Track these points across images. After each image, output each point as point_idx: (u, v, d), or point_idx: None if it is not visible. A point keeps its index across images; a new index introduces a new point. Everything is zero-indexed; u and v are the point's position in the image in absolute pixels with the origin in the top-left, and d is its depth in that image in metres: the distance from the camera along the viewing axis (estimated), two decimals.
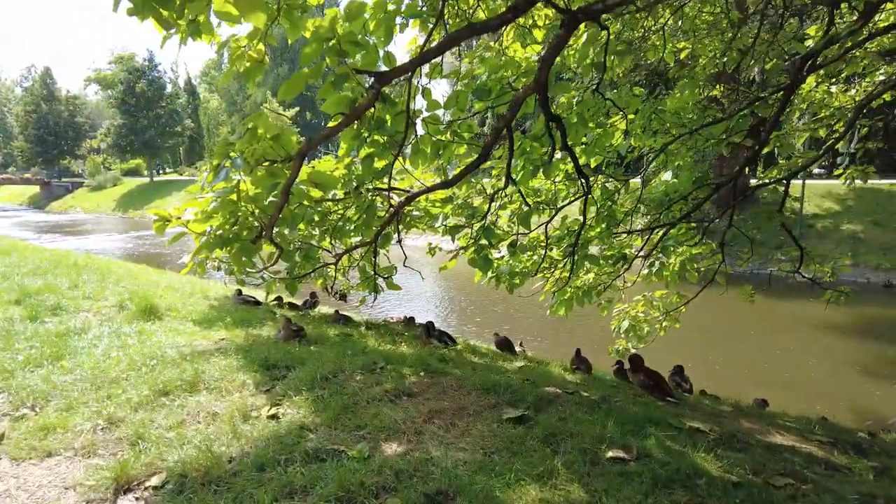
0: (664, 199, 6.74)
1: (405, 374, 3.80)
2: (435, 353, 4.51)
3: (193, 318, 5.31)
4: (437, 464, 2.46)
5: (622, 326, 7.47)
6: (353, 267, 6.13)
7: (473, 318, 12.42)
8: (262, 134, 3.17)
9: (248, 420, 3.05)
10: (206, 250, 3.88)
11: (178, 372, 3.64)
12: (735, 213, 8.37)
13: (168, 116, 58.11)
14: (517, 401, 3.29)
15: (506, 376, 3.75)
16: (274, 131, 3.19)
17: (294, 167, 3.18)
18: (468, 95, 4.36)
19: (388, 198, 4.62)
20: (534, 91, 3.67)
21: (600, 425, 2.87)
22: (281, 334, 4.72)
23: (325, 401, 3.21)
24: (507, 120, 3.90)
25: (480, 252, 5.11)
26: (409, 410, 3.10)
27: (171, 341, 4.40)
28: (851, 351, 9.96)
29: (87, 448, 2.79)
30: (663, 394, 4.02)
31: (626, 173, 6.45)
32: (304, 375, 3.59)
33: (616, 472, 2.40)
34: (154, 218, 3.70)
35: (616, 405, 3.36)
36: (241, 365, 3.85)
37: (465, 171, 4.06)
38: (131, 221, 43.22)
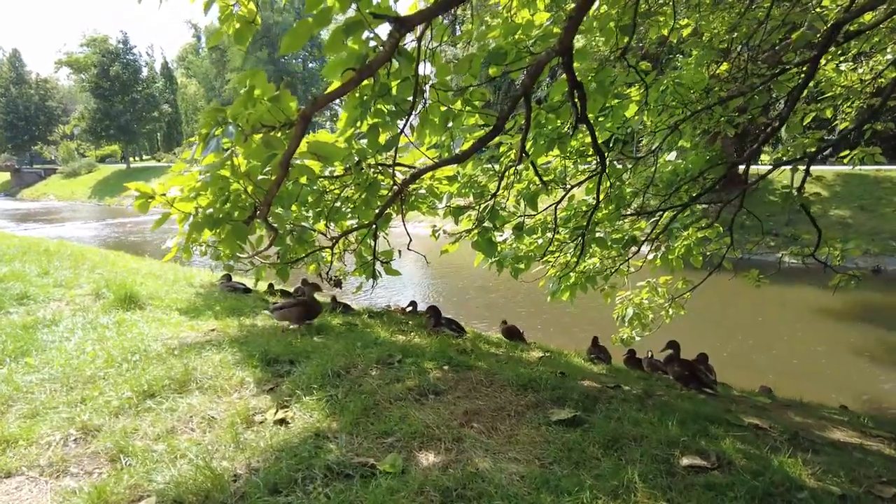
0: (674, 180, 6.46)
1: (427, 368, 3.41)
2: (453, 345, 4.14)
3: (178, 306, 4.87)
4: (487, 479, 2.08)
5: (626, 314, 7.22)
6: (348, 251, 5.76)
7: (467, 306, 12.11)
8: (258, 95, 2.78)
9: (252, 426, 2.61)
10: (195, 232, 3.48)
11: (165, 369, 3.19)
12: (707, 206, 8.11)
13: (144, 101, 56.59)
14: (559, 398, 2.94)
15: (535, 369, 3.40)
16: (272, 92, 2.79)
17: (296, 134, 2.79)
18: (482, 60, 3.98)
19: (392, 174, 4.25)
20: (558, 54, 3.32)
21: (662, 426, 2.55)
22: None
23: (341, 402, 2.79)
24: (527, 86, 3.55)
25: (484, 235, 4.80)
26: (440, 412, 2.70)
27: (156, 333, 3.95)
28: (851, 336, 9.87)
29: (57, 466, 2.31)
30: (701, 385, 3.74)
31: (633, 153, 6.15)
32: (312, 371, 3.17)
33: (702, 485, 2.06)
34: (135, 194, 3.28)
35: (662, 400, 3.06)
36: (238, 360, 3.42)
37: (479, 144, 3.71)
38: (108, 209, 42.00)
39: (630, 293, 7.14)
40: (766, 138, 5.46)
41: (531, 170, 5.22)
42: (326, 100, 2.66)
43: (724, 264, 6.08)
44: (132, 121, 55.45)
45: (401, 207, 4.53)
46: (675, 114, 5.51)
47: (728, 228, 5.82)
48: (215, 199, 3.34)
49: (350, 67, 2.58)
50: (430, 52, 3.50)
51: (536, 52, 3.95)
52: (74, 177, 56.21)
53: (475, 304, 12.18)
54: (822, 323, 10.87)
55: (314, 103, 2.66)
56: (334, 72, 3.10)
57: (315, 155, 3.28)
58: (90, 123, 55.48)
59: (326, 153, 3.31)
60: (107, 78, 53.76)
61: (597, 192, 4.85)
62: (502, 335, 5.66)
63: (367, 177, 4.32)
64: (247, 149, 3.09)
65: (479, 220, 4.82)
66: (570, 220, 5.63)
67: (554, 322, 10.15)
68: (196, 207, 3.50)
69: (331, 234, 4.81)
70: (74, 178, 56.03)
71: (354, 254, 5.12)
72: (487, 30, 4.05)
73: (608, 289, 6.74)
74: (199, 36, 75.21)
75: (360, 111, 3.41)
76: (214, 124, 2.91)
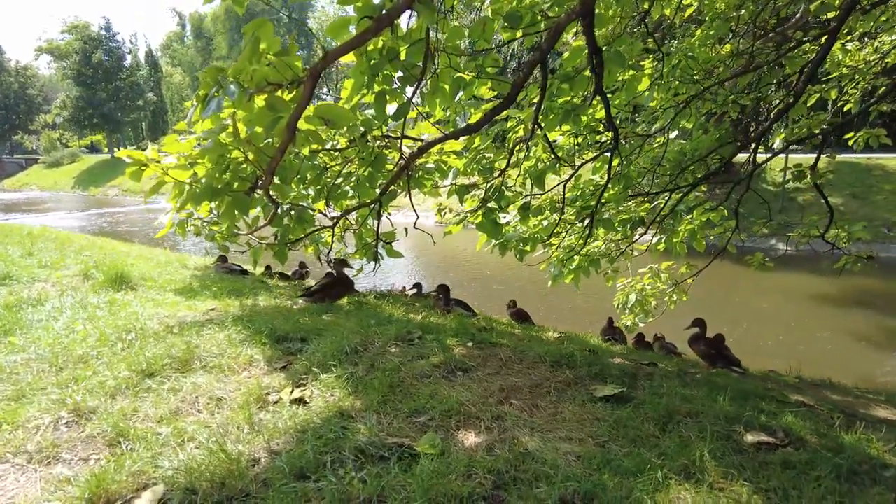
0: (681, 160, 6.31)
1: (450, 345, 3.19)
2: (471, 323, 3.94)
3: (173, 287, 4.63)
4: (540, 459, 1.88)
5: (629, 301, 7.10)
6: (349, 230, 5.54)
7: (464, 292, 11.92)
8: (264, 50, 2.56)
9: (267, 406, 2.37)
10: (192, 203, 3.26)
11: (165, 347, 2.94)
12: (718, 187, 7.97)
13: (129, 89, 55.53)
14: (598, 375, 2.75)
15: (564, 346, 3.22)
16: (278, 46, 2.57)
17: (304, 93, 2.58)
18: (495, 24, 3.77)
19: (399, 147, 4.05)
20: (578, 16, 3.14)
21: (713, 402, 2.38)
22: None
23: (363, 379, 2.57)
24: (545, 51, 3.36)
25: (489, 216, 4.62)
26: (473, 389, 2.48)
27: (151, 313, 3.70)
28: (853, 322, 9.86)
29: (47, 452, 2.06)
30: (728, 363, 3.59)
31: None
32: (327, 348, 2.95)
33: (778, 463, 1.89)
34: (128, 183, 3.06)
35: (701, 378, 2.90)
36: (244, 338, 3.19)
37: (492, 114, 3.52)
38: (92, 199, 41.23)
39: (631, 279, 7.03)
40: (778, 115, 5.32)
41: (540, 146, 5.04)
42: (338, 53, 2.45)
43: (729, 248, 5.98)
44: (116, 109, 54.41)
45: (407, 183, 4.33)
46: (680, 92, 5.35)
47: (734, 212, 5.71)
48: (214, 168, 3.12)
49: (366, 15, 2.37)
50: (445, 11, 3.29)
51: (553, 15, 3.76)
52: (57, 167, 55.15)
53: (473, 289, 12.02)
54: (821, 309, 10.87)
55: (325, 57, 2.45)
56: (340, 31, 2.89)
57: (323, 119, 3.06)
58: (73, 112, 54.34)
59: (335, 117, 3.08)
60: (89, 65, 52.63)
61: (608, 170, 4.69)
62: (511, 318, 5.49)
63: (372, 150, 4.12)
64: (249, 113, 2.87)
65: (484, 200, 4.64)
66: (577, 201, 5.46)
67: (556, 308, 10.03)
68: (193, 177, 3.28)
69: (330, 214, 4.61)
70: (57, 167, 54.99)
71: (355, 235, 4.92)
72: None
73: (611, 273, 6.61)
74: (184, 24, 73.92)
75: (368, 75, 3.21)
76: (215, 85, 2.67)
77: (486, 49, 3.63)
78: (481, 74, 3.64)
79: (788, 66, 5.43)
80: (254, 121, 2.96)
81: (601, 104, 4.39)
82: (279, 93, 2.68)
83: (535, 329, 4.87)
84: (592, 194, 5.35)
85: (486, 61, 3.69)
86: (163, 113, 62.79)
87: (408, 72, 3.24)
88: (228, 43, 58.85)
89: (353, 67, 3.21)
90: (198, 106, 2.80)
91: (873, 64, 6.87)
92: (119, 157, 3.40)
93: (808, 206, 18.35)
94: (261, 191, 3.29)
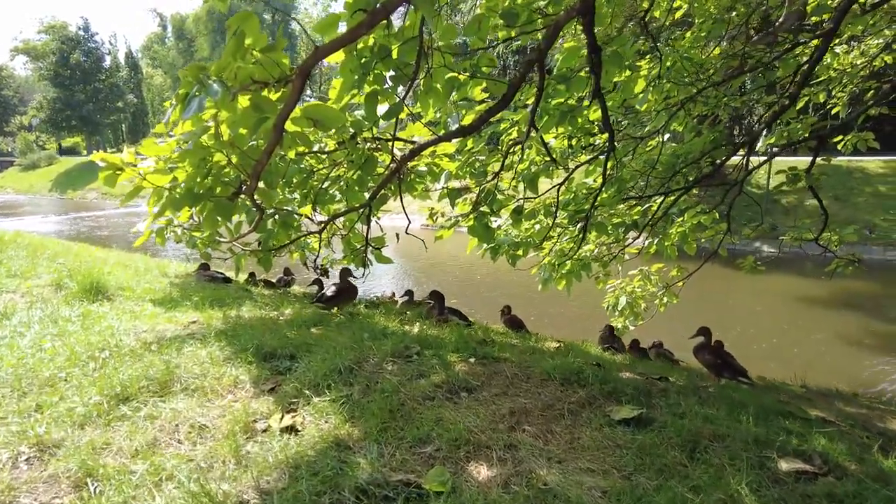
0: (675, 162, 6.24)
1: (450, 361, 2.99)
2: (470, 335, 3.76)
3: (152, 297, 4.39)
4: (563, 496, 1.70)
5: (619, 303, 7.01)
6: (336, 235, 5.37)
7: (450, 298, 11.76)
8: (249, 45, 2.38)
9: (255, 436, 2.14)
10: (172, 209, 3.07)
11: (142, 367, 2.68)
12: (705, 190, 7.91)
13: (108, 91, 54.63)
14: (611, 393, 2.59)
15: (570, 360, 3.04)
16: (265, 41, 2.40)
17: (293, 91, 2.41)
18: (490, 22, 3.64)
19: (391, 149, 3.89)
20: (578, 13, 3.02)
21: (736, 422, 2.24)
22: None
23: (360, 402, 2.36)
24: (543, 50, 3.23)
25: (481, 220, 4.50)
26: (480, 413, 2.29)
27: (128, 326, 3.46)
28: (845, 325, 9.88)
29: (2, 495, 1.82)
30: (735, 373, 3.48)
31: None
32: (318, 367, 2.72)
33: (823, 496, 1.74)
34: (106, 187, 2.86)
35: (713, 392, 2.77)
36: (228, 355, 2.96)
37: (488, 115, 3.37)
38: (70, 202, 40.32)
39: (620, 282, 6.95)
40: (774, 117, 5.26)
41: (533, 148, 4.93)
42: (329, 49, 2.29)
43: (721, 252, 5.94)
44: (95, 111, 53.47)
45: (399, 187, 4.18)
46: (671, 94, 5.29)
47: (725, 214, 5.65)
48: (196, 172, 2.93)
49: (360, 8, 2.21)
50: (439, 7, 3.14)
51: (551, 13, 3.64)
52: (33, 169, 53.91)
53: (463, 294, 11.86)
54: (810, 311, 10.89)
55: (316, 53, 2.29)
56: (329, 29, 2.73)
57: (312, 120, 2.88)
58: (49, 114, 53.26)
59: (324, 117, 2.91)
60: (67, 66, 51.70)
61: (603, 173, 4.58)
62: (505, 325, 5.34)
63: (362, 152, 3.96)
64: (232, 113, 2.70)
65: (475, 204, 4.51)
66: (570, 204, 5.36)
67: (546, 312, 9.92)
68: (172, 181, 3.09)
69: (317, 218, 4.44)
70: (33, 170, 53.75)
71: (342, 240, 4.75)
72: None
73: (602, 276, 6.54)
74: (165, 25, 72.92)
75: (359, 74, 3.05)
76: (196, 83, 2.49)
77: (482, 48, 3.50)
78: (476, 74, 3.51)
79: (782, 68, 5.39)
80: (238, 122, 2.79)
81: (595, 105, 4.29)
82: (265, 92, 2.52)
83: (533, 338, 4.72)
84: (586, 198, 5.25)
85: (482, 61, 3.56)
86: (143, 115, 61.90)
87: (400, 71, 3.10)
88: (211, 44, 58.13)
89: (342, 66, 3.05)
90: (177, 106, 2.61)
91: (861, 67, 6.87)
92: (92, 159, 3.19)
93: (791, 209, 18.53)
94: (245, 196, 3.12)
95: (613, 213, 5.73)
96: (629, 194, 5.73)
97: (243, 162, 2.97)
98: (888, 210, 17.81)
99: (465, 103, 4.01)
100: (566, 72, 3.91)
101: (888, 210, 17.81)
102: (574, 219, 5.30)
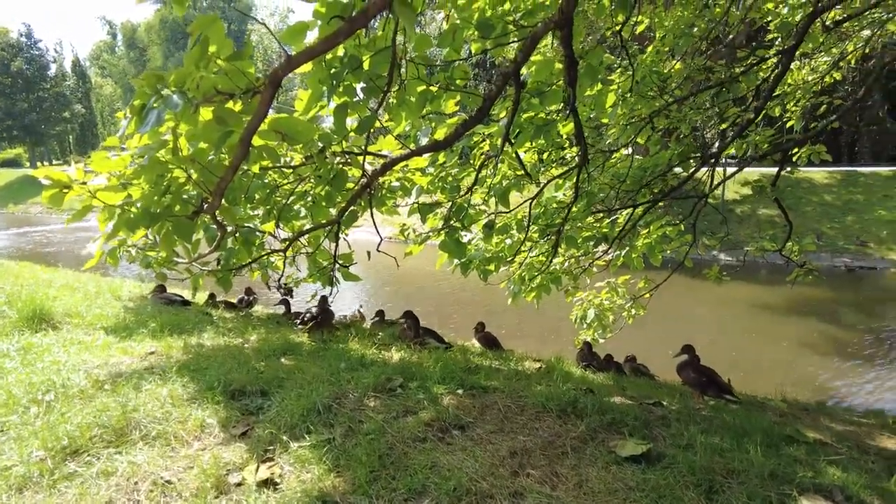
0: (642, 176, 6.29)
1: (437, 394, 2.77)
2: (452, 360, 3.55)
3: (104, 324, 4.02)
4: None
5: (587, 316, 7.02)
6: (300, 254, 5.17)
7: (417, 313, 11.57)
8: (213, 53, 2.20)
9: (228, 492, 1.86)
10: (126, 230, 2.82)
11: (94, 412, 2.34)
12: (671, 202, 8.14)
13: (53, 100, 52.36)
14: (611, 425, 2.43)
15: (557, 387, 2.87)
16: (230, 49, 2.23)
17: (262, 102, 2.23)
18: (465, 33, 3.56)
19: (362, 164, 3.73)
20: (556, 26, 2.96)
21: (744, 453, 2.14)
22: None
23: (344, 447, 2.11)
24: (519, 63, 3.17)
25: (452, 235, 4.40)
26: (477, 455, 2.08)
27: (77, 361, 3.07)
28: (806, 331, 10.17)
29: None
30: (720, 391, 3.43)
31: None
32: (294, 406, 2.45)
33: None
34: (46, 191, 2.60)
35: (707, 417, 2.68)
36: (192, 393, 2.64)
37: (463, 128, 3.29)
38: (12, 217, 38.24)
39: (587, 293, 6.96)
40: (740, 130, 5.37)
41: (505, 163, 4.86)
42: (304, 58, 2.13)
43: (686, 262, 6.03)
44: (39, 121, 51.15)
45: (370, 202, 4.02)
46: (636, 107, 5.34)
47: (691, 226, 5.74)
48: (155, 190, 2.71)
49: (337, 15, 2.07)
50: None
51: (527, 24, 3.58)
52: None
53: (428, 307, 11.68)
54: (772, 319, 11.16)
55: (288, 62, 2.12)
56: (296, 37, 2.57)
57: (280, 134, 2.71)
58: None
59: (293, 131, 2.73)
60: (7, 74, 49.42)
61: (576, 187, 4.54)
62: (479, 342, 5.20)
63: (331, 167, 3.79)
64: (193, 126, 2.50)
65: (446, 219, 4.42)
66: (540, 218, 5.34)
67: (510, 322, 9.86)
68: (126, 200, 2.85)
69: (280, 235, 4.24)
70: None
71: (307, 258, 4.55)
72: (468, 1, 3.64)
73: (571, 289, 6.54)
74: (114, 33, 70.54)
75: (329, 85, 2.90)
76: (153, 94, 2.28)
77: (456, 59, 3.41)
78: (450, 87, 3.41)
79: (745, 83, 5.53)
80: (199, 135, 2.59)
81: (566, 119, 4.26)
82: (230, 104, 2.33)
83: (513, 359, 4.60)
84: (556, 212, 5.24)
85: (456, 73, 3.47)
86: (92, 126, 59.62)
87: (372, 83, 2.96)
88: (164, 53, 56.47)
89: (311, 76, 2.90)
90: (132, 118, 2.39)
91: (813, 83, 7.13)
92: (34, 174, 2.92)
93: (745, 219, 19.18)
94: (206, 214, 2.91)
95: (581, 226, 5.75)
96: (597, 207, 5.75)
97: (205, 178, 2.77)
98: (833, 219, 18.68)
99: (435, 116, 3.90)
100: (540, 85, 3.86)
101: (833, 219, 18.68)
102: (545, 233, 5.28)
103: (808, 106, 7.56)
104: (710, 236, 17.51)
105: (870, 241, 17.36)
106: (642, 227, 6.02)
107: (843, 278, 15.56)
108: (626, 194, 5.78)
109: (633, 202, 5.67)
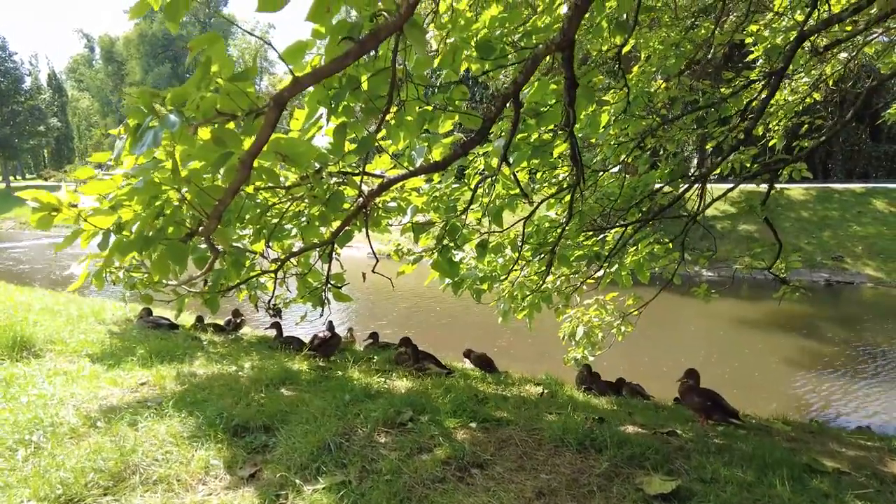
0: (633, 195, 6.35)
1: (450, 428, 2.64)
2: (459, 388, 3.42)
3: (90, 352, 3.82)
4: None
5: (577, 333, 7.01)
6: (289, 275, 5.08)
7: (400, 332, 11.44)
8: (215, 73, 2.14)
9: None
10: (119, 254, 2.72)
11: (87, 454, 2.12)
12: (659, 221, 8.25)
13: (28, 113, 51.32)
14: (633, 458, 2.34)
15: (570, 417, 2.77)
16: (232, 69, 2.17)
17: (266, 124, 2.18)
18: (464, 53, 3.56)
19: (359, 184, 3.68)
20: (558, 48, 2.96)
21: (770, 488, 2.07)
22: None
23: (360, 491, 1.94)
24: (519, 84, 3.16)
25: (445, 254, 4.37)
26: (500, 497, 1.94)
27: (63, 394, 2.84)
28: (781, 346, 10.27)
29: None
30: (726, 415, 3.40)
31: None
32: (301, 444, 2.30)
33: None
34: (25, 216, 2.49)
35: (720, 444, 2.63)
36: (192, 430, 2.46)
37: (463, 149, 3.28)
38: None
39: (576, 310, 6.96)
40: (731, 150, 5.44)
41: (500, 182, 4.86)
42: (311, 79, 2.08)
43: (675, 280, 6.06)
44: (12, 135, 50.06)
45: (366, 223, 3.96)
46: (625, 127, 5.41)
47: (680, 244, 5.78)
48: (150, 214, 2.62)
49: (347, 37, 2.03)
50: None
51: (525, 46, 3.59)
52: None
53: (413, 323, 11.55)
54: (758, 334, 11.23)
55: (295, 84, 2.07)
56: (295, 56, 2.52)
57: (281, 156, 2.65)
58: None
59: (294, 153, 2.67)
60: None
61: (570, 207, 4.55)
62: (474, 364, 5.11)
63: (328, 187, 3.74)
64: (189, 147, 2.43)
65: (439, 239, 4.39)
66: (533, 237, 5.36)
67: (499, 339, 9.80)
68: (117, 222, 2.75)
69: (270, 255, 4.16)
70: None
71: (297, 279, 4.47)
72: (467, 23, 3.66)
73: (560, 307, 6.53)
74: (92, 47, 69.73)
75: (327, 106, 2.85)
76: (150, 114, 2.21)
77: (456, 81, 3.40)
78: (449, 108, 3.39)
79: (733, 104, 5.64)
80: (195, 156, 2.52)
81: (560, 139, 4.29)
82: (236, 121, 2.26)
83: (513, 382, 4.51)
84: (549, 231, 5.26)
85: (455, 93, 3.45)
86: (68, 140, 58.54)
87: (371, 103, 2.92)
88: (143, 68, 55.88)
89: (309, 96, 2.85)
90: (128, 138, 2.31)
91: (795, 104, 7.29)
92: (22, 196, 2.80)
93: (725, 235, 19.48)
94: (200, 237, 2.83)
95: (571, 244, 5.77)
96: (589, 226, 5.79)
97: (201, 200, 2.69)
98: (811, 234, 19.06)
99: (429, 135, 3.89)
100: (537, 106, 3.87)
101: (811, 234, 19.06)
102: (538, 252, 5.28)
103: (789, 125, 7.73)
104: (693, 252, 17.75)
105: (846, 256, 17.75)
106: (631, 245, 6.07)
107: (822, 293, 15.84)
108: (616, 213, 5.81)
109: (624, 221, 5.71)
